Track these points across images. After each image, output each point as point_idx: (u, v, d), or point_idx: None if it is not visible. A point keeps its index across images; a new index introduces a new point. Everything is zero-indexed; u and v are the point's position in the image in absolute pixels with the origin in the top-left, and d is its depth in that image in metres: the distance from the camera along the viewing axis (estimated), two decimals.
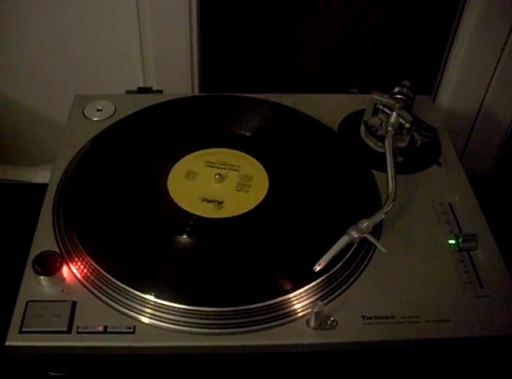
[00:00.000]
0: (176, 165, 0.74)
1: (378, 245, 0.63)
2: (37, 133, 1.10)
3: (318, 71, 1.10)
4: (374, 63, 1.09)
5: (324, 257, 0.61)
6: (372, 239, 0.62)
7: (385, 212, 0.65)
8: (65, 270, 0.61)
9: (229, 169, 0.74)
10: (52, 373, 0.61)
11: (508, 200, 1.02)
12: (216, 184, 0.71)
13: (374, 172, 0.75)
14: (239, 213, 0.68)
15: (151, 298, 0.59)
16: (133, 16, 0.92)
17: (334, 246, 0.61)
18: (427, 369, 0.64)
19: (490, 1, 0.91)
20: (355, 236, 0.62)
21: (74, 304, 0.59)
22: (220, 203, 0.69)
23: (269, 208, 0.69)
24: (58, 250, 0.63)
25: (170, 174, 0.72)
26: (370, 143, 0.78)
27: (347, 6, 1.01)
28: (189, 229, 0.66)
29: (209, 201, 0.69)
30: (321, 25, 1.04)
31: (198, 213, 0.68)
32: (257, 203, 0.69)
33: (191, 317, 0.58)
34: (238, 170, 0.73)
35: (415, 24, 1.03)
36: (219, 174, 0.71)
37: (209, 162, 0.74)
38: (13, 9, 0.93)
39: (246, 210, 0.68)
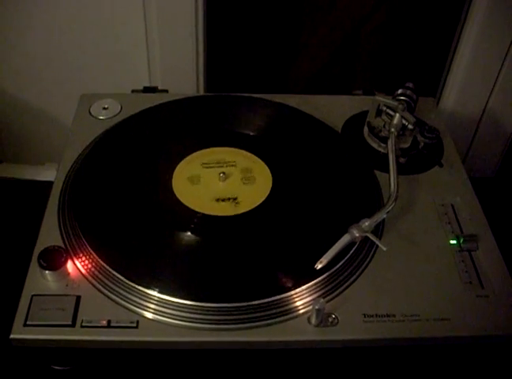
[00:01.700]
0: (181, 163, 0.74)
1: (380, 244, 0.63)
2: (42, 131, 1.10)
3: (323, 74, 1.10)
4: (379, 66, 1.09)
5: (325, 254, 0.62)
6: (373, 238, 0.63)
7: (387, 212, 0.66)
8: (69, 265, 0.62)
9: (233, 167, 0.74)
10: (56, 367, 0.62)
11: (511, 202, 1.02)
12: (220, 182, 0.72)
13: (376, 172, 0.75)
14: (242, 211, 0.69)
15: (154, 293, 0.59)
16: (140, 15, 0.93)
17: (336, 245, 0.62)
18: (427, 367, 0.65)
19: (494, 5, 0.91)
20: (357, 235, 0.62)
21: (78, 298, 0.59)
22: (223, 201, 0.70)
23: (272, 206, 0.70)
24: (63, 245, 0.64)
25: (174, 172, 0.73)
26: (373, 144, 0.79)
27: (352, 9, 1.02)
28: (192, 226, 0.66)
29: (211, 199, 0.70)
30: (325, 28, 1.04)
31: (196, 208, 0.68)
32: (260, 201, 0.70)
33: (194, 313, 0.59)
34: (241, 169, 0.74)
35: (419, 27, 1.03)
36: (223, 173, 0.72)
37: (214, 160, 0.75)
38: (19, 9, 0.94)
39: (249, 208, 0.69)
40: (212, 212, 0.68)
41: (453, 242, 0.68)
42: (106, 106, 0.83)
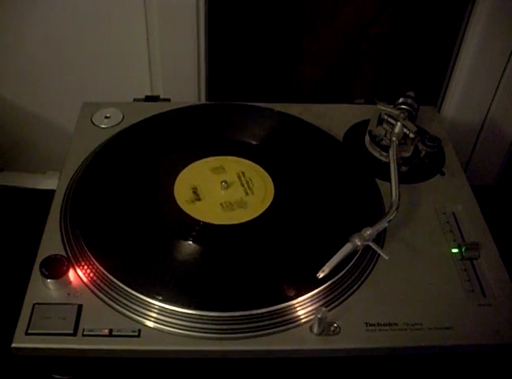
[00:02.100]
0: (182, 172, 0.74)
1: (381, 253, 0.63)
2: (44, 139, 1.10)
3: (324, 82, 1.11)
4: (380, 74, 1.09)
5: (327, 263, 0.61)
6: (375, 247, 0.63)
7: (389, 221, 0.66)
8: (71, 273, 0.62)
9: (235, 176, 0.74)
10: (57, 376, 0.61)
11: None
12: (221, 191, 0.72)
13: (378, 181, 0.75)
14: (244, 220, 0.69)
15: (156, 302, 0.59)
16: (142, 25, 0.93)
17: (337, 254, 0.62)
18: (430, 376, 0.65)
19: (495, 13, 0.92)
20: (359, 243, 0.62)
21: (80, 307, 0.59)
22: (194, 192, 0.71)
23: (274, 215, 0.70)
24: (65, 254, 0.64)
25: (176, 181, 0.73)
26: (375, 152, 0.79)
27: (353, 18, 1.02)
28: (194, 235, 0.66)
29: (188, 187, 0.71)
30: (326, 37, 1.04)
31: (204, 219, 0.68)
32: (262, 210, 0.70)
33: (196, 322, 0.58)
34: (243, 178, 0.74)
35: (420, 36, 1.04)
36: (225, 181, 0.72)
37: (215, 169, 0.75)
38: (20, 18, 0.94)
39: (251, 217, 0.69)
40: (214, 221, 0.68)
41: (454, 250, 0.68)
42: (108, 114, 0.83)
